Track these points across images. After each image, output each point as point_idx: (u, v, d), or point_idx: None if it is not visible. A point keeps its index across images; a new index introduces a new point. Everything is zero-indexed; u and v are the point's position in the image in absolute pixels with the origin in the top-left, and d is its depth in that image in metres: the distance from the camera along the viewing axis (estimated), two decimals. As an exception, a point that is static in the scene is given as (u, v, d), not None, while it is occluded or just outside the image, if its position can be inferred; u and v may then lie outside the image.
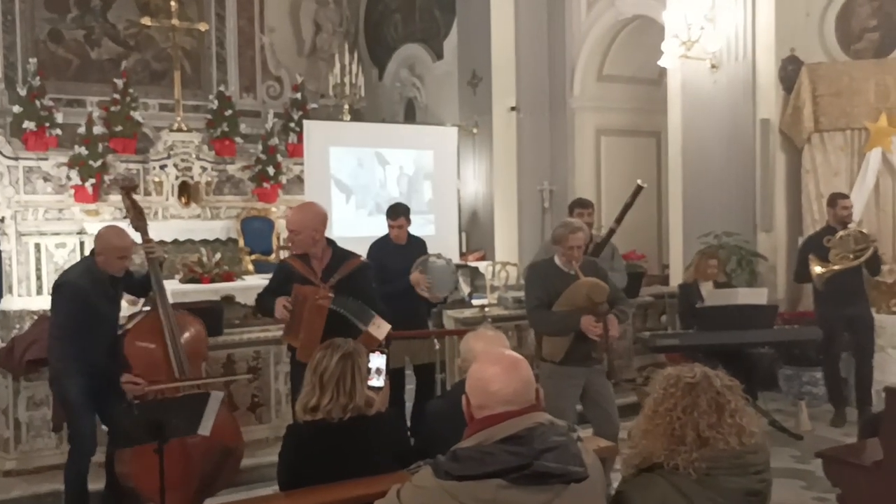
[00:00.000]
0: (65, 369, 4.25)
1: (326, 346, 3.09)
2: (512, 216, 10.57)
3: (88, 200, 9.95)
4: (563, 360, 4.50)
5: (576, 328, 4.42)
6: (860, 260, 6.13)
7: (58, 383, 4.36)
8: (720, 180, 7.91)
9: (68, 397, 4.28)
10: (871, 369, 6.29)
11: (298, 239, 4.32)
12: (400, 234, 5.81)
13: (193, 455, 3.99)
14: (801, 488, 4.93)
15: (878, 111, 7.24)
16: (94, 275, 4.28)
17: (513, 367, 2.10)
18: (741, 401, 2.29)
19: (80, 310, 4.16)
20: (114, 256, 4.27)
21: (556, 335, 4.55)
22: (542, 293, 4.59)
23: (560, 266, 4.59)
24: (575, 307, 4.45)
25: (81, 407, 4.23)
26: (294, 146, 11.31)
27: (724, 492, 2.15)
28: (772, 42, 7.55)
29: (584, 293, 4.42)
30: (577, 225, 4.60)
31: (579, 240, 4.49)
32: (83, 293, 4.19)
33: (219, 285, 8.09)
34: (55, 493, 4.65)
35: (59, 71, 11.48)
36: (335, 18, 13.55)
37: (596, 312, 4.40)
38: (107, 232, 4.38)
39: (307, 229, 4.29)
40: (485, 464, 1.93)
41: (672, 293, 7.58)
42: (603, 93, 10.14)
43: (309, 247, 4.33)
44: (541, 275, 4.69)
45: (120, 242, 4.29)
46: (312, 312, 4.15)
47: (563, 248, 4.52)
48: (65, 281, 4.31)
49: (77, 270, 4.40)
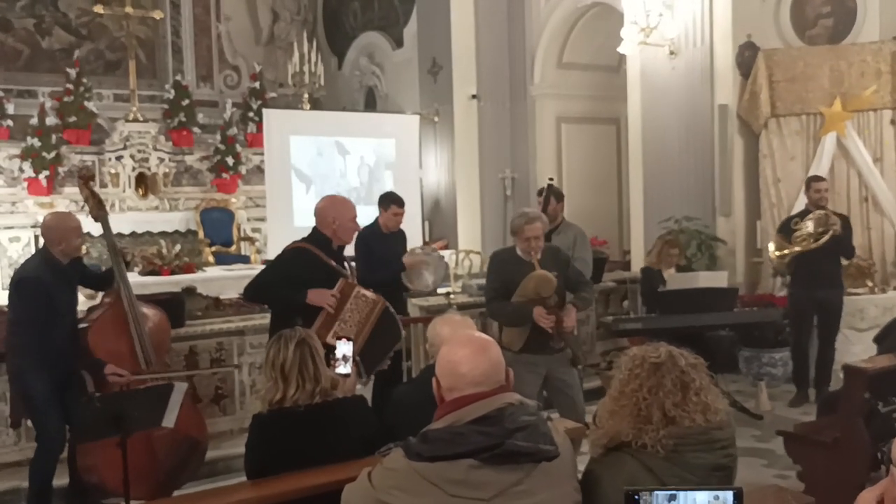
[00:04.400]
0: (28, 365, 4.16)
1: (276, 339, 3.06)
2: (474, 204, 10.58)
3: (42, 193, 9.74)
4: (522, 349, 4.50)
5: (529, 320, 4.42)
6: (818, 243, 6.14)
7: (21, 380, 4.26)
8: (679, 166, 8.00)
9: (33, 393, 4.18)
10: (833, 352, 6.39)
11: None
12: (398, 223, 5.81)
13: (159, 447, 3.96)
14: (762, 466, 5.02)
15: (832, 96, 7.38)
16: (52, 266, 4.20)
17: (482, 349, 2.10)
18: (706, 378, 2.32)
19: (43, 303, 4.08)
20: (73, 237, 4.23)
21: (512, 326, 4.56)
22: (499, 284, 4.60)
23: (520, 255, 4.59)
24: (528, 298, 4.45)
25: (47, 403, 4.14)
26: (253, 136, 11.19)
27: (691, 468, 2.18)
28: (729, 28, 7.65)
29: (531, 286, 4.42)
30: (534, 215, 4.58)
31: (536, 230, 4.47)
32: (45, 286, 4.11)
33: (179, 277, 7.97)
34: (15, 490, 4.56)
35: (9, 61, 11.22)
36: (293, 6, 13.41)
37: (545, 305, 4.40)
38: (55, 218, 4.36)
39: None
40: (456, 444, 1.93)
41: (633, 278, 7.66)
42: (563, 80, 10.18)
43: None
44: (499, 265, 4.70)
45: (73, 222, 4.28)
46: (373, 313, 4.15)
47: (521, 239, 4.50)
48: (25, 276, 4.22)
49: (34, 263, 4.32)
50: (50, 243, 4.24)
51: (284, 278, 4.16)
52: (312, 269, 4.13)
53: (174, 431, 3.75)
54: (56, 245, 4.22)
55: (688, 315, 5.85)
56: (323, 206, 4.34)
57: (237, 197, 10.85)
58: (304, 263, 4.18)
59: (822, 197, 6.26)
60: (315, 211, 4.38)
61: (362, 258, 5.45)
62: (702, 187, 7.87)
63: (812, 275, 6.24)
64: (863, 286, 6.99)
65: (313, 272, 4.12)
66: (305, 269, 4.13)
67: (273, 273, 4.32)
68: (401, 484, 1.95)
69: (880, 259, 7.36)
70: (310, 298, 4.03)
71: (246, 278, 8.63)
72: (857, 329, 6.71)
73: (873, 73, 7.31)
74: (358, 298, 4.12)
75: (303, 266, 4.16)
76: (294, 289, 4.06)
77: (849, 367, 4.05)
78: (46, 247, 4.28)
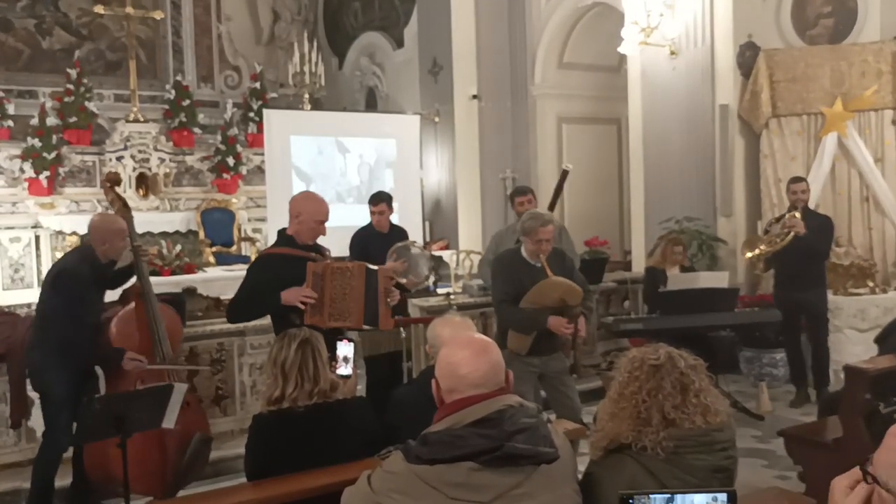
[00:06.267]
0: (51, 360, 4.18)
1: (281, 337, 3.10)
2: (475, 204, 10.57)
3: (43, 193, 9.74)
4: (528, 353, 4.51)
5: (543, 327, 4.40)
6: (783, 243, 6.10)
7: (41, 375, 4.27)
8: (680, 166, 8.00)
9: (51, 389, 4.20)
10: (827, 353, 6.38)
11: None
12: (381, 221, 5.82)
13: (171, 443, 4.01)
14: (762, 467, 5.01)
15: (833, 96, 7.38)
16: (91, 264, 4.27)
17: (482, 351, 2.10)
18: (705, 380, 2.31)
19: (78, 297, 4.14)
20: (118, 239, 4.31)
21: (521, 332, 4.53)
22: (510, 287, 4.56)
23: (526, 258, 4.57)
24: (544, 306, 4.42)
25: (62, 400, 4.15)
26: (254, 136, 11.18)
27: (691, 469, 2.18)
28: (730, 28, 7.64)
29: (557, 296, 4.39)
30: (548, 217, 4.56)
31: (549, 232, 4.46)
32: (85, 281, 4.18)
33: (180, 277, 7.98)
34: (15, 491, 4.55)
35: (9, 61, 11.22)
36: (293, 7, 13.40)
37: (568, 314, 4.39)
38: (103, 219, 4.43)
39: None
40: (455, 447, 1.92)
41: (634, 279, 7.66)
42: (564, 80, 10.18)
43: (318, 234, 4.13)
44: (507, 267, 4.66)
45: (119, 224, 4.35)
46: (354, 278, 3.95)
47: (532, 241, 4.46)
48: (65, 269, 4.29)
49: (75, 258, 4.41)
50: (94, 242, 4.32)
51: (256, 289, 3.97)
52: (282, 268, 3.94)
53: (185, 427, 3.81)
54: (100, 245, 4.29)
55: (689, 315, 5.85)
56: (293, 199, 4.14)
57: (238, 197, 10.84)
58: (271, 267, 4.02)
59: (798, 198, 6.25)
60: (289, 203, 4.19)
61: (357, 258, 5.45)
62: (703, 187, 7.86)
63: (790, 276, 6.28)
64: (864, 286, 6.98)
65: (284, 271, 3.92)
66: (275, 272, 3.94)
67: (244, 289, 4.09)
68: (400, 487, 1.95)
69: (881, 259, 7.35)
70: (284, 300, 3.85)
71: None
72: (859, 329, 6.70)
73: (874, 74, 7.30)
74: (334, 274, 3.93)
75: (271, 270, 3.99)
76: (269, 296, 3.89)
77: (850, 367, 4.04)
78: (90, 245, 4.36)
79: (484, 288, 6.46)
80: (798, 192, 6.28)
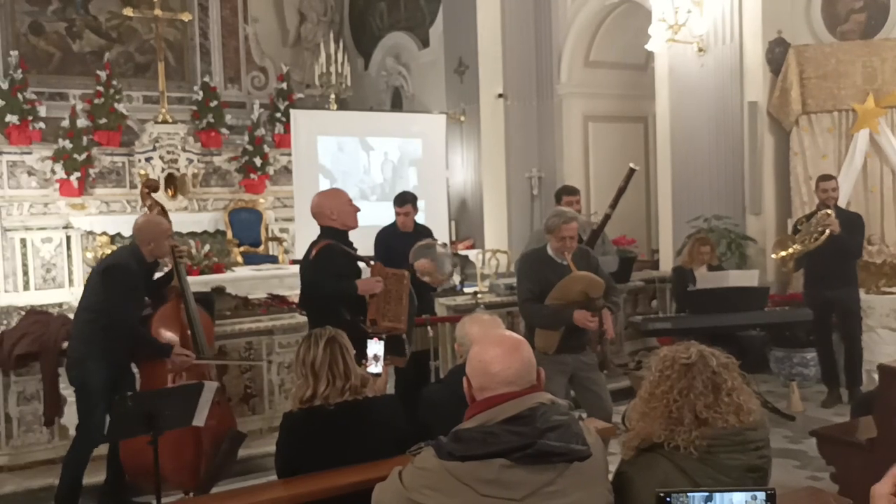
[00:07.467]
0: (93, 354, 4.25)
1: (307, 337, 3.12)
2: (501, 204, 10.55)
3: (74, 194, 9.86)
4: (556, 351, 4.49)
5: (568, 322, 4.39)
6: (817, 242, 6.04)
7: (80, 368, 4.32)
8: (708, 164, 7.93)
9: (90, 383, 4.25)
10: (860, 352, 6.30)
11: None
12: (406, 222, 5.85)
13: (205, 437, 4.08)
14: (794, 468, 4.96)
15: (865, 92, 7.26)
16: (138, 261, 4.38)
17: (514, 349, 2.09)
18: (738, 379, 2.29)
19: (128, 290, 4.26)
20: (163, 238, 4.44)
21: (548, 329, 4.52)
22: (534, 285, 4.55)
23: (552, 256, 4.55)
24: (568, 301, 4.41)
25: (99, 395, 4.22)
26: (281, 136, 11.25)
27: (725, 469, 2.16)
28: (759, 24, 7.56)
29: (579, 289, 4.38)
30: (572, 215, 4.55)
31: (573, 230, 4.45)
32: (134, 275, 4.30)
33: (209, 277, 8.02)
34: (48, 487, 4.60)
35: (41, 64, 11.35)
36: (319, 8, 13.46)
37: (591, 307, 4.37)
38: (148, 220, 4.62)
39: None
40: (488, 444, 1.92)
41: (662, 277, 7.60)
42: (590, 79, 10.12)
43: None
44: (533, 266, 4.65)
45: (164, 225, 4.52)
46: (403, 286, 4.35)
47: (556, 238, 4.46)
48: (116, 263, 4.42)
49: (124, 254, 4.55)
50: (140, 242, 4.44)
51: (329, 276, 4.27)
52: (344, 261, 4.26)
53: (220, 422, 3.90)
54: (146, 244, 4.40)
55: (718, 315, 5.80)
56: (316, 205, 4.43)
57: (265, 197, 10.90)
58: (337, 258, 4.32)
59: (828, 196, 6.19)
60: (312, 213, 4.45)
61: (381, 257, 5.46)
62: (731, 186, 7.78)
63: (820, 275, 6.21)
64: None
65: (345, 264, 4.24)
66: (340, 263, 4.27)
67: (318, 274, 4.36)
68: (432, 483, 1.95)
69: (915, 257, 7.23)
70: (361, 289, 4.21)
71: (274, 278, 8.67)
72: (892, 329, 6.60)
73: (907, 69, 7.18)
74: (389, 278, 4.29)
75: (338, 260, 4.29)
76: (341, 283, 4.22)
77: (884, 366, 3.98)
78: (135, 244, 4.48)
79: (511, 287, 6.44)
80: (828, 189, 6.21)
